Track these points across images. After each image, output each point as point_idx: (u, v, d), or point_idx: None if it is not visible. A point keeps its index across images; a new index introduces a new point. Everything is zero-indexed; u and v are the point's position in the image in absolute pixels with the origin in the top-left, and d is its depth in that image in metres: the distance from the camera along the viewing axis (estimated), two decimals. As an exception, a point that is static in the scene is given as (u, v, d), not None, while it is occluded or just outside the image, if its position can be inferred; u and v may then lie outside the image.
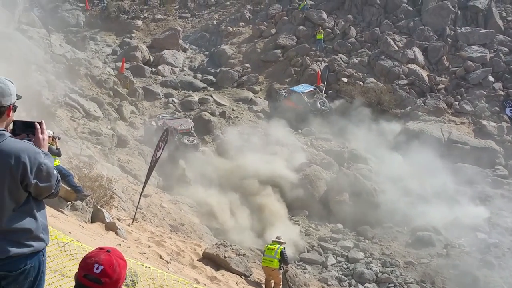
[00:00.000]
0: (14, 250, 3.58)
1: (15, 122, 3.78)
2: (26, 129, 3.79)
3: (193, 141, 27.20)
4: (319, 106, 31.58)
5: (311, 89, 32.63)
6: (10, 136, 3.61)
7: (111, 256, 2.83)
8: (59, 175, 3.86)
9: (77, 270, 2.84)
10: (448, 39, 35.36)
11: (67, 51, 32.86)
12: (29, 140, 3.72)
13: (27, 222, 3.65)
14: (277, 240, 15.74)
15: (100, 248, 2.89)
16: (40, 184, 3.64)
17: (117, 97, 30.19)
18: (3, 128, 3.62)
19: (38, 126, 3.81)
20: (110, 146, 24.95)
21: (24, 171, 3.53)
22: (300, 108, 31.18)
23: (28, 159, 3.55)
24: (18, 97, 3.75)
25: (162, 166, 23.98)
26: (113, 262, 2.81)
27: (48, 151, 3.83)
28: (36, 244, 3.69)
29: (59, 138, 13.35)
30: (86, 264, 2.80)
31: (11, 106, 3.68)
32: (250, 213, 22.92)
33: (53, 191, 3.79)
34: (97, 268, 2.77)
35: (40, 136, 3.78)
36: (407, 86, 32.91)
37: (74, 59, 31.26)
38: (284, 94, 32.82)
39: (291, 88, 33.12)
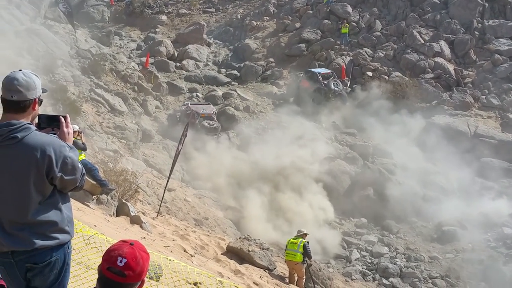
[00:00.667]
0: (40, 242, 3.63)
1: (40, 116, 3.82)
2: (51, 123, 3.82)
3: (213, 124, 28.14)
4: (332, 87, 31.84)
5: (328, 71, 33.05)
6: (35, 130, 3.65)
7: (134, 249, 2.84)
8: (84, 169, 3.90)
9: (100, 263, 2.86)
10: (476, 32, 34.83)
11: (92, 46, 33.18)
12: (54, 134, 3.75)
13: (53, 215, 3.70)
14: (299, 234, 15.75)
15: (123, 241, 2.91)
16: (65, 177, 3.68)
17: (142, 92, 30.39)
18: (29, 122, 3.66)
19: (63, 120, 3.84)
20: (135, 141, 25.15)
21: (49, 164, 3.58)
22: (313, 88, 31.77)
23: (54, 152, 3.59)
24: (44, 90, 3.79)
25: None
26: (136, 255, 2.82)
27: (74, 145, 3.87)
28: (61, 237, 3.74)
29: (81, 133, 13.53)
30: (110, 257, 2.81)
31: (37, 99, 3.71)
32: (275, 208, 22.89)
33: (78, 184, 3.83)
34: (121, 261, 2.78)
35: (65, 129, 3.82)
36: (433, 80, 32.53)
37: (99, 54, 31.52)
38: (301, 75, 33.67)
39: (309, 69, 33.62)
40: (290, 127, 28.45)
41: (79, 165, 3.79)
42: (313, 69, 33.32)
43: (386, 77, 33.01)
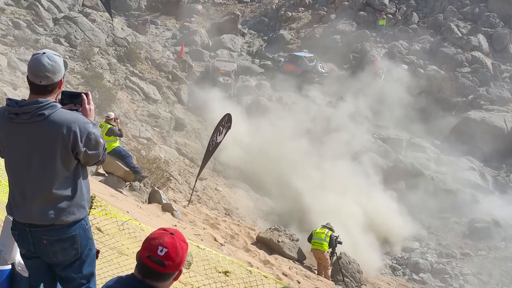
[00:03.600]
0: (57, 218, 3.79)
1: (63, 92, 3.96)
2: (73, 100, 3.96)
3: (227, 80, 29.84)
4: (320, 69, 33.63)
5: (311, 55, 34.63)
6: (61, 108, 3.79)
7: (175, 239, 2.81)
8: (105, 144, 4.05)
9: (139, 250, 2.86)
10: (515, 26, 34.17)
11: (129, 35, 33.40)
12: (76, 110, 3.89)
13: (74, 189, 3.86)
14: (326, 225, 15.80)
15: (164, 230, 2.88)
16: (88, 152, 3.83)
17: (176, 81, 30.53)
18: (55, 100, 3.81)
19: (84, 97, 3.97)
20: (168, 129, 25.32)
21: (75, 140, 3.72)
22: (300, 72, 33.26)
23: (79, 128, 3.73)
24: (65, 64, 3.91)
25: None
26: (176, 246, 2.81)
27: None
28: (78, 213, 3.89)
29: (117, 119, 13.68)
30: (150, 245, 2.80)
31: (62, 80, 3.85)
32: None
33: (100, 158, 3.98)
34: (161, 251, 2.77)
35: (87, 106, 3.96)
36: (469, 74, 32.01)
37: (135, 42, 31.74)
38: (282, 59, 35.50)
39: (293, 53, 35.43)
40: (324, 118, 28.18)
41: (101, 140, 3.93)
42: (297, 54, 34.92)
43: (422, 71, 32.58)
